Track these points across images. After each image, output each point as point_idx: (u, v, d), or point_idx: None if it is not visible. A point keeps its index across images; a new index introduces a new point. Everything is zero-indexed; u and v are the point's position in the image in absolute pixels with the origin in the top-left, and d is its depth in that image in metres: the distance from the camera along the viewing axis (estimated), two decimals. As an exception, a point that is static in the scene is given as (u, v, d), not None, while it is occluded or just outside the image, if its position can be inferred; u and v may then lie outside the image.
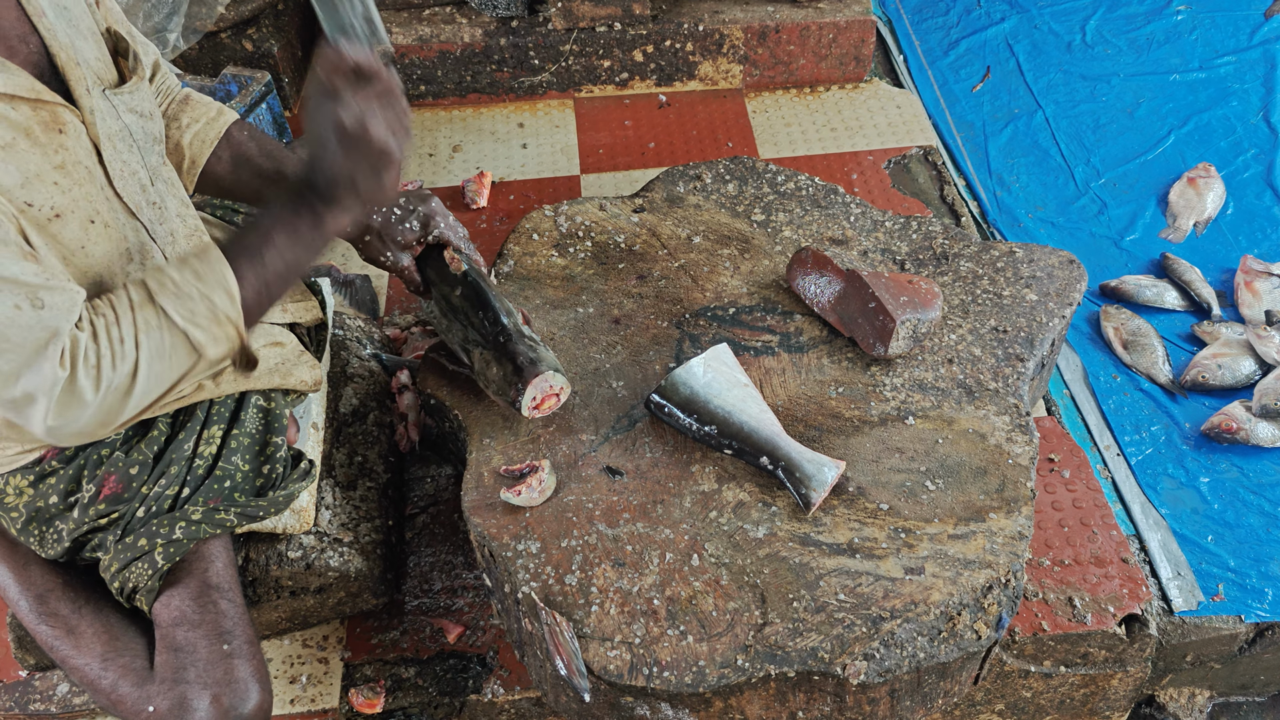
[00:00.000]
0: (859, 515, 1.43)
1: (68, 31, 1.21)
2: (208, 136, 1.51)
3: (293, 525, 1.56)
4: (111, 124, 1.24)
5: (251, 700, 1.31)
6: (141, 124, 1.32)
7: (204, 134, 1.51)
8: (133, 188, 1.27)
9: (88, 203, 1.18)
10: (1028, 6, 3.12)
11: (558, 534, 1.42)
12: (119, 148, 1.25)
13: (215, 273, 1.16)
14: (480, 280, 1.56)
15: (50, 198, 1.13)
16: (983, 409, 1.56)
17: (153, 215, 1.31)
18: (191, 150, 1.51)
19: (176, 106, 1.52)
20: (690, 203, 1.91)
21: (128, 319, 1.12)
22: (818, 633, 1.31)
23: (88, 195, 1.18)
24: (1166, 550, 1.84)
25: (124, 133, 1.26)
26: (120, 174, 1.24)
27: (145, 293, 1.14)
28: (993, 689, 1.78)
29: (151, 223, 1.31)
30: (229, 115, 1.54)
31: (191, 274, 1.16)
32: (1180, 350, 2.19)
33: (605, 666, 1.30)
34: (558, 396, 1.51)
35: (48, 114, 1.14)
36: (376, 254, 1.56)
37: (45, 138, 1.13)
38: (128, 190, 1.25)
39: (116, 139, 1.24)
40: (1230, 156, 2.61)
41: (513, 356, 1.48)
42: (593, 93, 2.86)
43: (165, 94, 1.52)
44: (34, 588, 1.43)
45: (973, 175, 2.62)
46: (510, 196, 2.57)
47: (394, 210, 1.54)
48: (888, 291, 1.58)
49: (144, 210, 1.29)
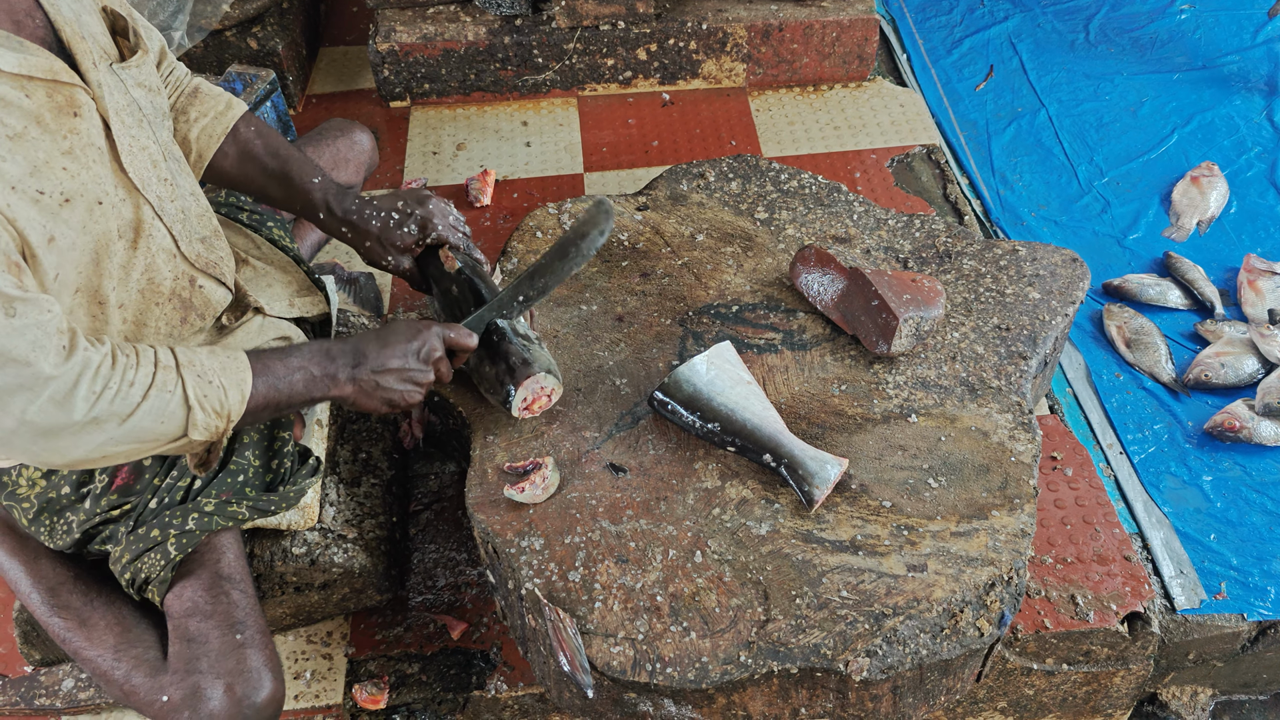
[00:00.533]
0: (862, 512, 1.43)
1: (72, 5, 1.20)
2: (214, 132, 1.51)
3: (297, 521, 1.56)
4: (120, 99, 1.23)
5: (265, 690, 1.32)
6: (150, 98, 1.31)
7: (211, 129, 1.51)
8: (142, 164, 1.26)
9: (96, 185, 1.17)
10: (1031, 5, 3.12)
11: (561, 530, 1.43)
12: (128, 123, 1.24)
13: (238, 374, 1.23)
14: (476, 278, 1.57)
15: (60, 184, 1.12)
16: (985, 407, 1.56)
17: (162, 192, 1.30)
18: (198, 145, 1.51)
19: (185, 99, 1.51)
20: (694, 201, 1.92)
21: (148, 370, 1.15)
22: (820, 629, 1.32)
23: (96, 177, 1.17)
24: (1169, 548, 1.84)
25: (133, 107, 1.25)
26: (129, 149, 1.23)
27: (174, 359, 1.18)
28: (995, 686, 1.78)
29: (160, 199, 1.29)
30: (237, 109, 1.54)
31: (218, 364, 1.22)
32: (1183, 349, 2.19)
33: (608, 662, 1.31)
34: (549, 397, 1.52)
35: (63, 97, 1.14)
36: (378, 258, 1.58)
37: (56, 123, 1.13)
38: (135, 166, 1.24)
39: (125, 114, 1.23)
40: (1233, 155, 2.61)
41: (505, 356, 1.48)
42: (596, 91, 2.86)
43: (174, 86, 1.51)
44: (45, 581, 1.44)
45: (976, 174, 2.62)
46: (514, 194, 2.58)
47: (392, 214, 1.56)
48: (891, 289, 1.58)
49: (151, 186, 1.27)
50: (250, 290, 1.52)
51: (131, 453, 1.17)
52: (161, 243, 1.30)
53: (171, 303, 1.34)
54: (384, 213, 1.56)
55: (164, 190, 1.30)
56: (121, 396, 1.12)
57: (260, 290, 1.55)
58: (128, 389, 1.12)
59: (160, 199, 1.29)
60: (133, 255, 1.26)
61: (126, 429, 1.13)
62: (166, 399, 1.15)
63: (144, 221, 1.26)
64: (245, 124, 1.54)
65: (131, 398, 1.12)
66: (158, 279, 1.31)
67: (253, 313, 1.50)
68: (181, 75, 1.53)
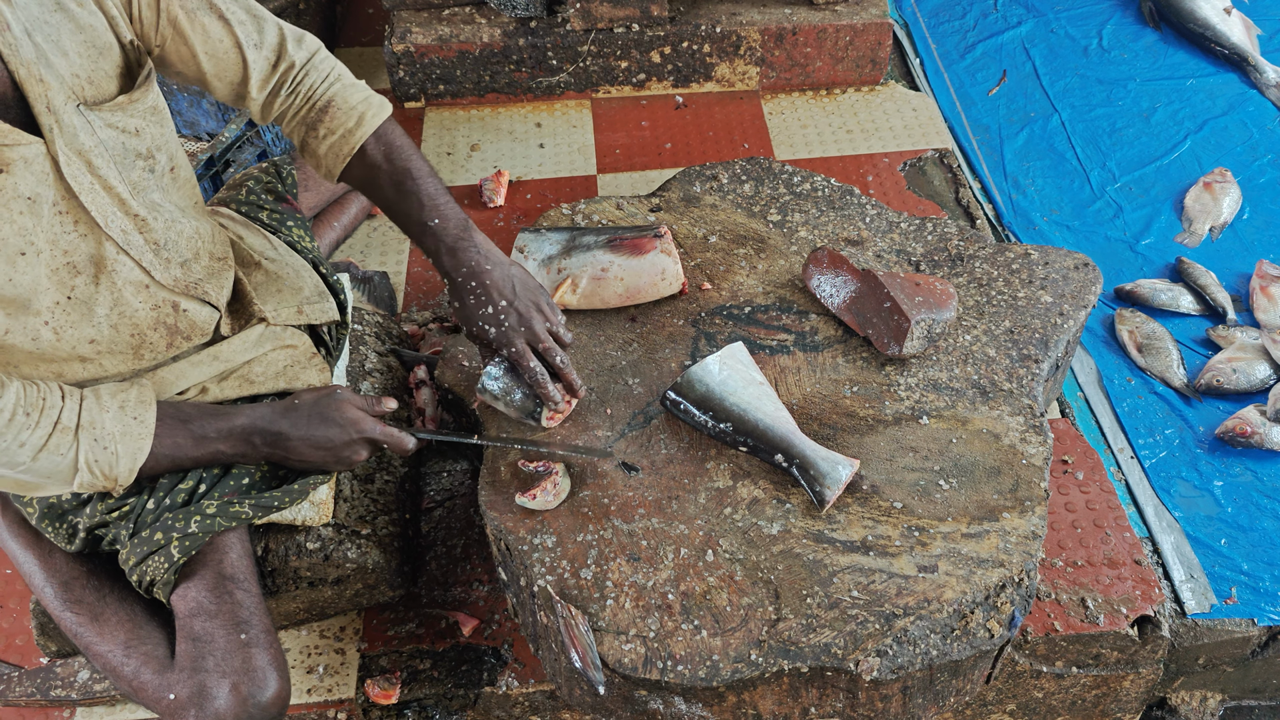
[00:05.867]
0: (873, 513, 1.44)
1: (42, 45, 1.18)
2: (341, 151, 1.46)
3: (312, 517, 1.58)
4: (85, 139, 1.22)
5: (270, 689, 1.32)
6: (122, 140, 1.27)
7: (338, 148, 1.47)
8: (103, 202, 1.25)
9: (19, 237, 1.18)
10: (1044, 10, 3.12)
11: (573, 528, 1.44)
12: (96, 163, 1.23)
13: (137, 441, 1.29)
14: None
15: None
16: (997, 409, 1.57)
17: (129, 225, 1.29)
18: (326, 163, 1.48)
19: (316, 114, 1.46)
20: (706, 203, 1.93)
21: (44, 431, 1.22)
22: (831, 629, 1.32)
23: (21, 229, 1.18)
24: (1180, 553, 1.84)
25: (99, 148, 1.24)
26: (90, 188, 1.23)
27: (76, 418, 1.25)
28: (1004, 689, 1.78)
29: (125, 234, 1.28)
30: (368, 125, 1.47)
31: (120, 429, 1.28)
32: (1195, 354, 2.19)
33: (620, 660, 1.31)
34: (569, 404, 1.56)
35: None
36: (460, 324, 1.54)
37: None
38: (97, 204, 1.24)
39: (94, 154, 1.23)
40: (1246, 161, 2.61)
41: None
42: (610, 93, 2.87)
43: (305, 97, 1.45)
44: (59, 575, 1.45)
45: (988, 178, 2.62)
46: (527, 195, 2.59)
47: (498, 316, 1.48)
48: (903, 291, 1.59)
49: (115, 222, 1.26)
50: (259, 296, 1.51)
51: (25, 488, 1.29)
52: (128, 275, 1.30)
53: (157, 331, 1.36)
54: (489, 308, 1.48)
55: (132, 224, 1.29)
56: (9, 455, 1.20)
57: (269, 296, 1.53)
58: (18, 449, 1.20)
59: (125, 233, 1.28)
60: (94, 290, 1.27)
61: (15, 476, 1.24)
62: (56, 460, 1.24)
63: (106, 258, 1.27)
64: (375, 144, 1.47)
65: (20, 456, 1.21)
66: (129, 310, 1.31)
67: (257, 321, 1.49)
68: (315, 83, 1.45)
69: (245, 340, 1.48)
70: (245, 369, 1.48)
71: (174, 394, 1.41)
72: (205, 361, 1.43)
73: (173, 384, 1.40)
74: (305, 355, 1.56)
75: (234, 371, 1.47)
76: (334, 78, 1.47)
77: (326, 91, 1.46)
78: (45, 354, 1.27)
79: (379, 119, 1.48)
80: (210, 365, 1.44)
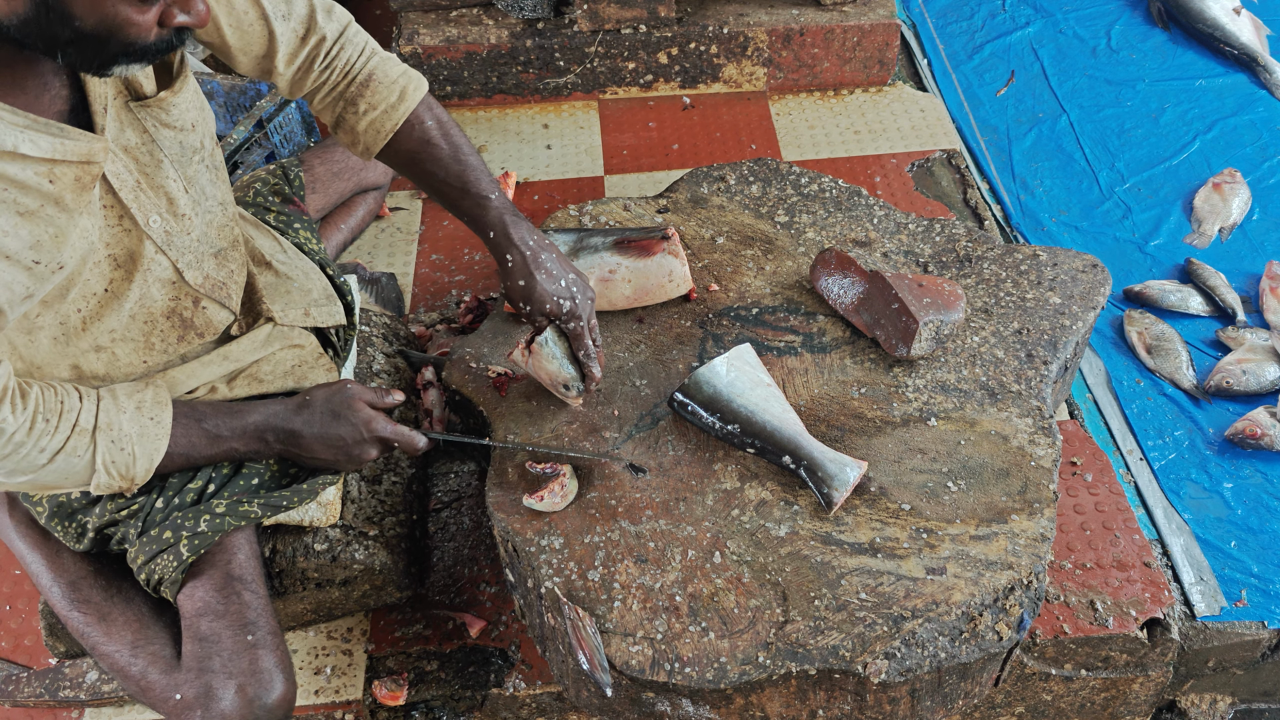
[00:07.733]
0: (881, 515, 1.43)
1: None
2: (382, 128, 1.45)
3: (319, 518, 1.58)
4: (132, 137, 1.22)
5: (276, 690, 1.33)
6: (179, 139, 1.27)
7: (380, 124, 1.45)
8: (146, 202, 1.25)
9: (89, 246, 1.19)
10: (1052, 11, 3.11)
11: (581, 530, 1.43)
12: (143, 161, 1.23)
13: (154, 442, 1.29)
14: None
15: (58, 256, 1.15)
16: (1005, 411, 1.56)
17: (174, 227, 1.29)
18: (365, 139, 1.46)
19: (356, 89, 1.44)
20: (714, 204, 1.93)
21: (63, 435, 1.22)
22: (839, 631, 1.32)
23: (91, 241, 1.19)
24: (1189, 555, 1.84)
25: (150, 146, 1.24)
26: (134, 188, 1.23)
27: (94, 419, 1.25)
28: (1013, 691, 1.78)
29: (168, 235, 1.28)
30: (410, 100, 1.45)
31: (137, 430, 1.28)
32: (1204, 355, 2.18)
33: (627, 661, 1.31)
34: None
35: (90, 175, 1.15)
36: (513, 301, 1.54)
37: (75, 201, 1.14)
38: (139, 203, 1.24)
39: (139, 151, 1.22)
40: (1256, 162, 2.60)
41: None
42: (617, 94, 2.87)
43: (342, 71, 1.43)
44: (66, 574, 1.45)
45: (996, 179, 2.62)
46: (535, 196, 2.59)
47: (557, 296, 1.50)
48: (911, 293, 1.59)
49: (156, 223, 1.26)
50: (267, 296, 1.51)
51: (42, 487, 1.29)
52: (160, 274, 1.30)
53: (169, 320, 1.35)
54: (561, 281, 1.50)
55: (175, 225, 1.29)
56: (30, 460, 1.21)
57: (278, 297, 1.53)
58: (37, 454, 1.21)
59: (168, 234, 1.28)
60: (127, 286, 1.27)
61: (34, 479, 1.24)
62: (74, 462, 1.24)
63: (143, 255, 1.27)
64: (417, 123, 1.45)
65: (38, 460, 1.21)
66: (149, 302, 1.31)
67: (265, 321, 1.50)
68: (352, 58, 1.43)
69: (254, 340, 1.48)
70: (254, 368, 1.48)
71: (184, 393, 1.41)
72: (215, 361, 1.43)
73: (183, 383, 1.41)
74: (313, 355, 1.56)
75: (243, 371, 1.47)
76: (370, 50, 1.45)
77: (366, 65, 1.44)
78: (70, 342, 1.27)
79: (420, 93, 1.46)
80: (220, 365, 1.44)
